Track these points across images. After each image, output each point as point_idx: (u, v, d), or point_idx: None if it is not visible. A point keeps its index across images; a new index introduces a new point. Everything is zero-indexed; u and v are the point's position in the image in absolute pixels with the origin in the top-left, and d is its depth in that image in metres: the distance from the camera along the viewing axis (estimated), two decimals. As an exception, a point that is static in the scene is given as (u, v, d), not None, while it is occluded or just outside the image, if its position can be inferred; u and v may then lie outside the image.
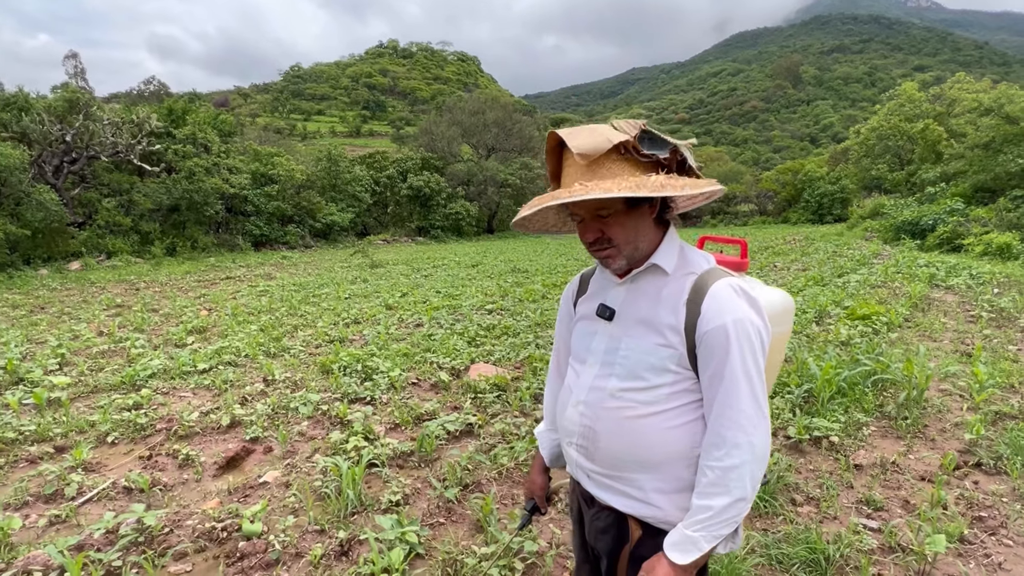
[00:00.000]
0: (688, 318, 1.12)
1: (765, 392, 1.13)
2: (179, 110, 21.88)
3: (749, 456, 1.09)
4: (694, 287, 1.13)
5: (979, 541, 2.53)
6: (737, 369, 1.08)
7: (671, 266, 1.17)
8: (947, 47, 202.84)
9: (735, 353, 1.08)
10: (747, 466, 1.09)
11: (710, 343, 1.10)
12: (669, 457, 1.16)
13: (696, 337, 1.11)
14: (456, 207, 31.60)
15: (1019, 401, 4.09)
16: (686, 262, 1.18)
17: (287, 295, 10.13)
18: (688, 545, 1.10)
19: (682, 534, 1.11)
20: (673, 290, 1.15)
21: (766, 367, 1.15)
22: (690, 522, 1.11)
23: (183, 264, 16.39)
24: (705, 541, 1.10)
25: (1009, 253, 12.59)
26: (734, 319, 1.08)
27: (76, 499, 2.98)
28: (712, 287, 1.11)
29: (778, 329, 1.31)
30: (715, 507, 1.09)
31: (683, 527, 1.12)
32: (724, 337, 1.08)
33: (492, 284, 10.99)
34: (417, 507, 2.89)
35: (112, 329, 7.00)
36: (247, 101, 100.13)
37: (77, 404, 4.42)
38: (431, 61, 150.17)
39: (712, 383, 1.11)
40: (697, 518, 1.10)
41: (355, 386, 4.63)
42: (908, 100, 28.34)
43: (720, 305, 1.10)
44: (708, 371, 1.11)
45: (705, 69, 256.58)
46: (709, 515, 1.09)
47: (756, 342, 1.10)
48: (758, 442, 1.09)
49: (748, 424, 1.09)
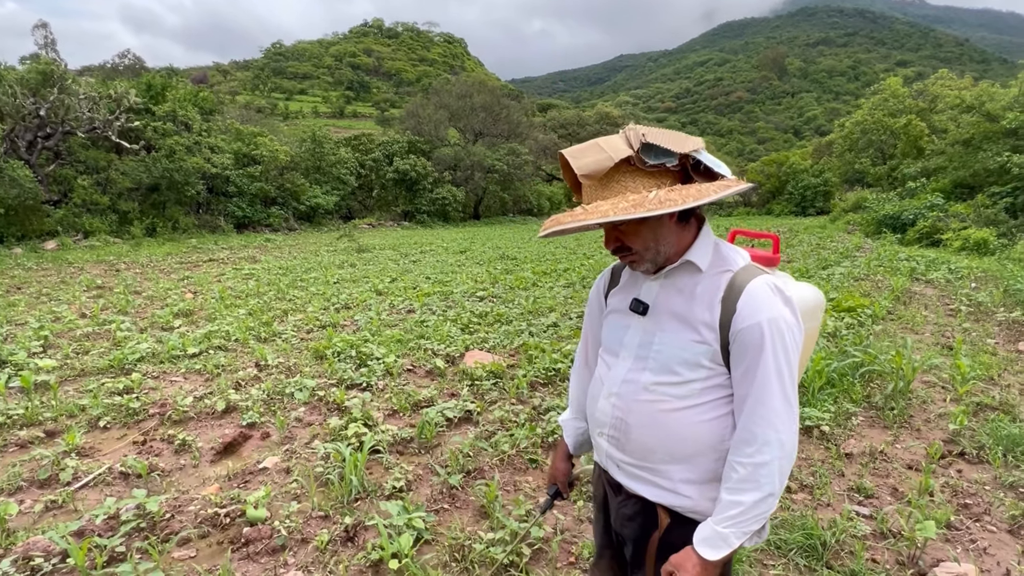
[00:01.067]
0: (724, 315, 1.13)
1: (796, 390, 1.15)
2: (158, 86, 21.22)
3: (779, 453, 1.11)
4: (730, 284, 1.15)
5: (965, 527, 2.64)
6: (770, 368, 1.10)
7: (705, 263, 1.18)
8: (929, 43, 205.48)
9: (768, 352, 1.10)
10: (776, 462, 1.11)
11: (744, 341, 1.11)
12: (700, 450, 1.19)
13: (731, 334, 1.13)
14: (443, 192, 31.32)
15: (999, 393, 4.24)
16: (721, 259, 1.20)
17: (274, 279, 9.99)
18: (718, 541, 1.13)
19: (712, 530, 1.14)
20: (708, 287, 1.17)
21: (797, 362, 1.17)
22: (720, 518, 1.13)
23: (163, 245, 16.05)
24: (735, 537, 1.12)
25: (986, 249, 12.93)
26: (769, 318, 1.10)
27: (72, 484, 2.94)
28: (749, 285, 1.13)
29: (809, 324, 1.34)
30: (745, 503, 1.11)
31: (713, 523, 1.14)
32: (759, 335, 1.10)
33: (482, 271, 10.97)
34: (421, 493, 2.91)
35: (95, 311, 6.84)
36: (226, 78, 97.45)
37: (65, 387, 4.34)
38: (417, 42, 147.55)
39: (744, 380, 1.13)
40: (728, 514, 1.13)
41: (351, 372, 4.61)
42: (892, 95, 28.72)
43: (756, 303, 1.11)
44: (741, 368, 1.13)
45: (692, 58, 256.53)
46: (739, 511, 1.11)
47: (789, 341, 1.12)
48: (787, 439, 1.12)
49: (779, 422, 1.11)
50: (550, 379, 4.56)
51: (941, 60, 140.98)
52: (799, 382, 1.41)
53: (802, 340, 1.17)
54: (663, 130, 1.11)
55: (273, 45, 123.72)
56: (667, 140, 1.09)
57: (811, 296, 1.43)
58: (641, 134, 1.09)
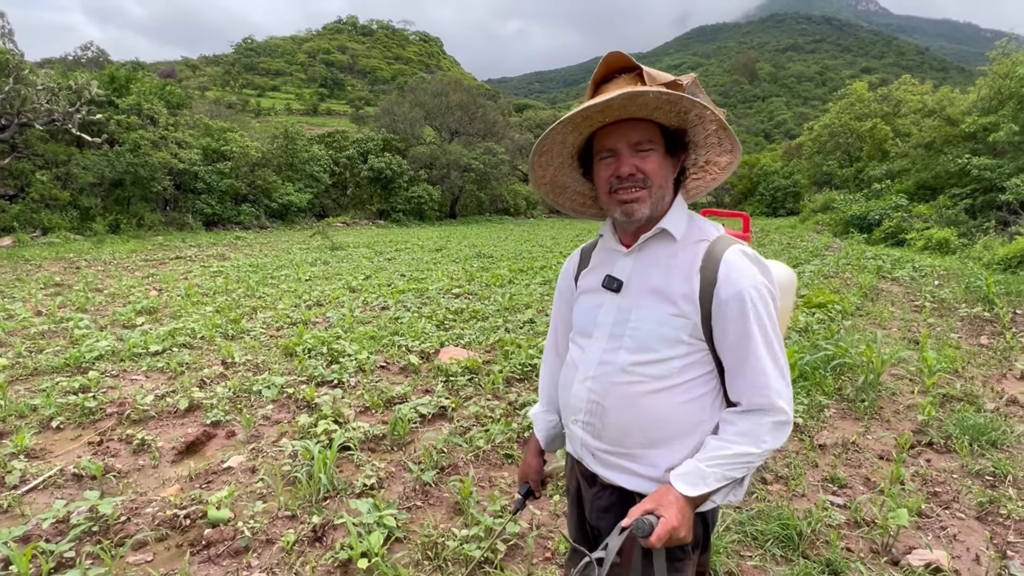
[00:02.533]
0: (703, 285, 1.09)
1: (784, 353, 1.12)
2: (122, 78, 20.53)
3: (774, 418, 1.08)
4: (707, 254, 1.11)
5: (935, 515, 2.67)
6: (757, 335, 1.07)
7: (680, 232, 1.15)
8: (892, 51, 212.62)
9: (754, 319, 1.07)
10: (777, 426, 1.09)
11: (728, 310, 1.08)
12: (679, 432, 1.14)
13: (713, 305, 1.09)
14: (418, 190, 31.05)
15: (963, 384, 4.34)
16: (696, 229, 1.16)
17: (243, 276, 9.72)
18: (697, 478, 1.07)
19: (694, 466, 1.09)
20: (685, 258, 1.13)
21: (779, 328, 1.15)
22: (705, 456, 1.09)
23: (128, 242, 15.51)
24: (715, 479, 1.07)
25: (947, 248, 13.36)
26: (752, 284, 1.08)
27: (19, 487, 2.76)
28: (726, 254, 1.10)
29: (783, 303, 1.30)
30: (735, 451, 1.08)
31: (696, 460, 1.09)
32: (743, 304, 1.07)
33: (458, 268, 10.87)
34: (393, 491, 2.82)
35: (52, 309, 6.54)
36: (196, 73, 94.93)
37: (16, 387, 4.11)
38: (392, 40, 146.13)
39: (733, 350, 1.10)
40: (714, 454, 1.08)
41: (321, 369, 4.49)
42: (858, 99, 29.52)
43: (737, 272, 1.08)
44: (727, 338, 1.10)
45: (666, 61, 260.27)
46: (726, 454, 1.07)
47: (772, 307, 1.10)
48: (785, 404, 1.09)
49: (774, 387, 1.08)
50: (526, 375, 4.51)
51: (903, 67, 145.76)
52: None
53: (778, 309, 1.14)
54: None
55: (244, 40, 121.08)
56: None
57: (785, 274, 1.40)
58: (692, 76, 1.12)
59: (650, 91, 1.01)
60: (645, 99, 1.02)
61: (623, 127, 1.10)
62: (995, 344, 5.48)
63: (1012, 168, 15.18)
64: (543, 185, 1.27)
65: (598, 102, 1.03)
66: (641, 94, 1.01)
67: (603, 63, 1.10)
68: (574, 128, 1.12)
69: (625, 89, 1.02)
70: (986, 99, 17.69)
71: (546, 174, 1.25)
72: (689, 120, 1.12)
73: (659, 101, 1.03)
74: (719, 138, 1.15)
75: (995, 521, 2.61)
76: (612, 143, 1.11)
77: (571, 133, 1.14)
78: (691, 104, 1.05)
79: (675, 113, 1.09)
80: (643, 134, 1.10)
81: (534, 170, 1.24)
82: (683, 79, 1.07)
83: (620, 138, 1.10)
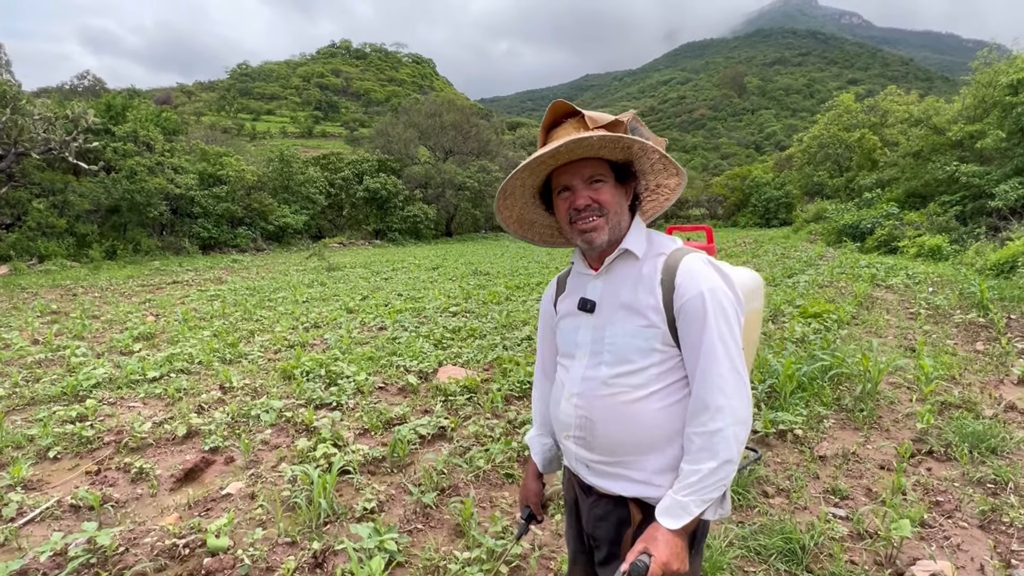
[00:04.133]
0: (664, 294, 1.17)
1: (743, 358, 1.17)
2: (118, 106, 20.71)
3: (731, 419, 1.13)
4: (665, 266, 1.20)
5: (938, 524, 2.66)
6: (714, 336, 1.13)
7: (641, 250, 1.24)
8: (877, 62, 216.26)
9: (711, 321, 1.13)
10: (730, 428, 1.13)
11: (687, 313, 1.15)
12: (666, 436, 1.20)
13: (675, 311, 1.16)
14: (414, 210, 31.22)
15: (961, 391, 4.35)
16: (654, 245, 1.26)
17: (240, 299, 9.72)
18: (678, 510, 1.13)
19: (672, 499, 1.14)
20: (647, 272, 1.21)
21: (744, 344, 1.20)
22: (679, 487, 1.14)
23: (125, 268, 15.50)
24: (695, 505, 1.12)
25: (940, 254, 13.46)
26: (708, 288, 1.15)
27: (16, 520, 2.73)
28: (683, 262, 1.18)
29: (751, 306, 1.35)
30: (703, 471, 1.12)
31: (672, 493, 1.15)
32: (700, 305, 1.14)
33: (454, 287, 10.89)
34: (393, 514, 2.80)
35: (48, 337, 6.52)
36: (191, 99, 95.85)
37: (12, 417, 4.08)
38: (385, 63, 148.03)
39: (692, 352, 1.16)
40: (686, 482, 1.13)
41: (320, 391, 4.47)
42: (846, 111, 29.93)
43: (693, 277, 1.16)
44: (688, 341, 1.16)
45: (656, 77, 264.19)
46: (697, 478, 1.12)
47: (731, 311, 1.16)
48: (739, 405, 1.13)
49: (728, 388, 1.13)
50: (525, 392, 4.50)
51: (889, 78, 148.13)
52: (750, 368, 1.43)
53: (744, 317, 1.20)
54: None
55: (239, 66, 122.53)
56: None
57: (750, 279, 1.46)
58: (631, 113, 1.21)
59: (592, 136, 1.12)
60: (589, 142, 1.14)
61: (575, 165, 1.21)
62: (991, 350, 5.51)
63: (1000, 175, 15.37)
64: (511, 223, 1.40)
65: (548, 150, 1.15)
66: (585, 139, 1.12)
67: (550, 111, 1.22)
68: (531, 172, 1.24)
69: (571, 136, 1.14)
70: (971, 108, 17.96)
71: (512, 213, 1.37)
72: (633, 152, 1.23)
73: (602, 142, 1.14)
74: (663, 164, 1.25)
75: (998, 530, 2.61)
76: (567, 180, 1.22)
77: (529, 176, 1.26)
78: (631, 141, 1.16)
79: (619, 149, 1.20)
80: (594, 169, 1.21)
81: (500, 211, 1.36)
82: (624, 116, 1.18)
83: (574, 175, 1.21)
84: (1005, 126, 15.70)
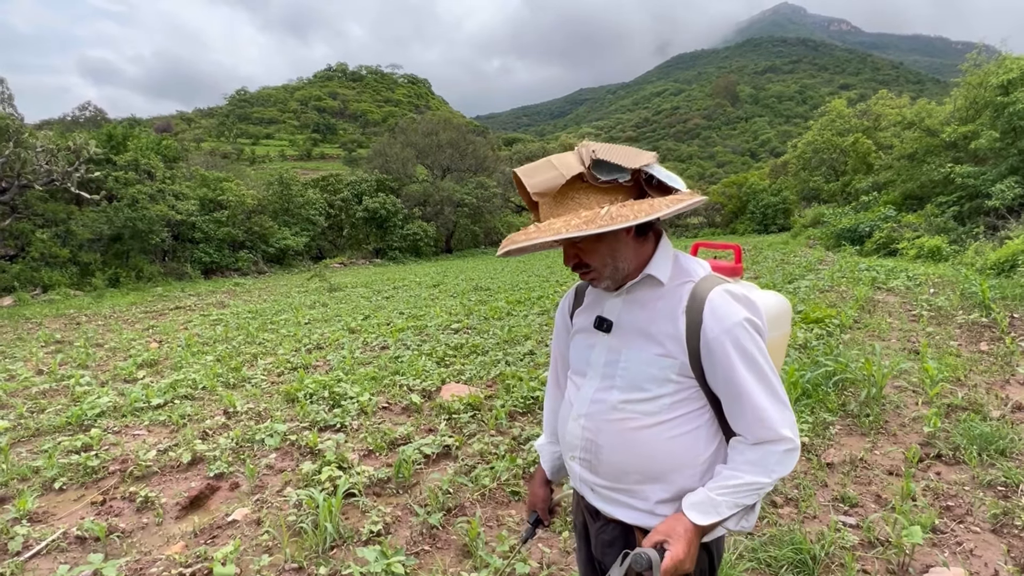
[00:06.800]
0: (689, 326, 1.12)
1: (780, 382, 1.15)
2: (119, 136, 20.92)
3: (782, 448, 1.11)
4: (692, 295, 1.14)
5: (950, 530, 2.64)
6: (747, 372, 1.10)
7: (666, 276, 1.17)
8: (867, 67, 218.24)
9: (741, 357, 1.10)
10: (779, 453, 1.11)
11: (715, 351, 1.11)
12: (673, 467, 1.17)
13: (700, 345, 1.12)
14: (413, 228, 31.36)
15: (967, 393, 4.33)
16: (681, 271, 1.19)
17: (243, 323, 9.73)
18: (709, 507, 1.10)
19: (705, 495, 1.11)
20: (670, 300, 1.16)
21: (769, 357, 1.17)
22: (715, 486, 1.12)
23: (127, 295, 15.55)
24: (727, 507, 1.10)
25: (939, 255, 13.45)
26: (735, 323, 1.10)
27: (22, 554, 2.72)
28: (710, 295, 1.12)
29: (777, 332, 1.33)
30: (744, 479, 1.10)
31: (707, 490, 1.12)
32: (730, 343, 1.10)
33: (456, 303, 10.90)
34: (400, 536, 2.79)
35: (53, 367, 6.53)
36: (191, 126, 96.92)
37: (17, 449, 4.08)
38: (381, 84, 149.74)
39: (727, 388, 1.13)
40: (724, 483, 1.11)
41: (323, 413, 4.47)
42: (838, 116, 30.12)
43: (720, 311, 1.11)
44: (718, 376, 1.13)
45: (649, 89, 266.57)
46: (737, 483, 1.10)
47: (760, 339, 1.13)
48: (787, 432, 1.11)
49: (773, 420, 1.11)
50: (529, 408, 4.49)
51: (880, 82, 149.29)
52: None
53: (767, 342, 1.17)
54: (615, 146, 1.10)
55: (237, 92, 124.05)
56: (618, 156, 1.08)
57: (777, 304, 1.43)
58: (592, 150, 1.08)
59: (564, 238, 1.04)
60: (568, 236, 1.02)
61: None
62: (995, 350, 5.49)
63: (995, 175, 15.42)
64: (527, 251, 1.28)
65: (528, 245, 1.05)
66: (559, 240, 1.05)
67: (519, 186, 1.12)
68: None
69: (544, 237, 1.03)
70: (962, 109, 18.08)
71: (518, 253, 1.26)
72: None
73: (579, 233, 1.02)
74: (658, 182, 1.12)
75: (1011, 533, 2.59)
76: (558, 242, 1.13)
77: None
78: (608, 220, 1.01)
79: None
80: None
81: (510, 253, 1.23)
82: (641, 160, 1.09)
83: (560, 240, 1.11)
84: (998, 126, 15.79)
